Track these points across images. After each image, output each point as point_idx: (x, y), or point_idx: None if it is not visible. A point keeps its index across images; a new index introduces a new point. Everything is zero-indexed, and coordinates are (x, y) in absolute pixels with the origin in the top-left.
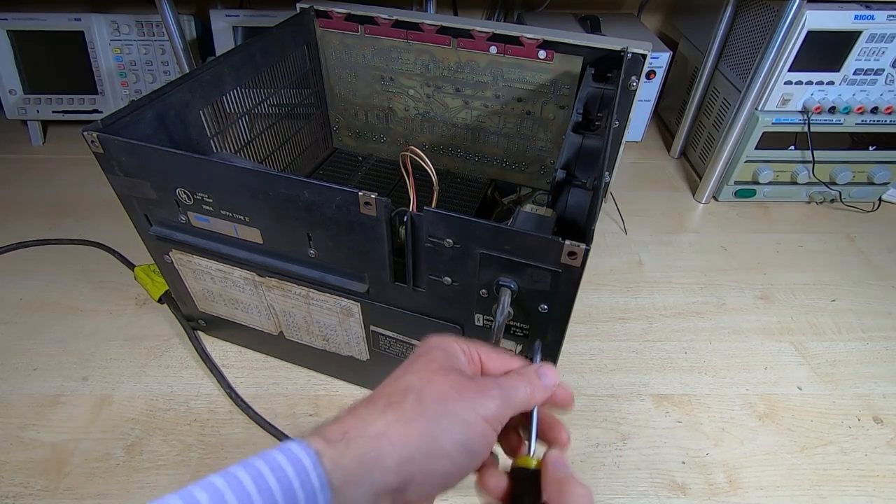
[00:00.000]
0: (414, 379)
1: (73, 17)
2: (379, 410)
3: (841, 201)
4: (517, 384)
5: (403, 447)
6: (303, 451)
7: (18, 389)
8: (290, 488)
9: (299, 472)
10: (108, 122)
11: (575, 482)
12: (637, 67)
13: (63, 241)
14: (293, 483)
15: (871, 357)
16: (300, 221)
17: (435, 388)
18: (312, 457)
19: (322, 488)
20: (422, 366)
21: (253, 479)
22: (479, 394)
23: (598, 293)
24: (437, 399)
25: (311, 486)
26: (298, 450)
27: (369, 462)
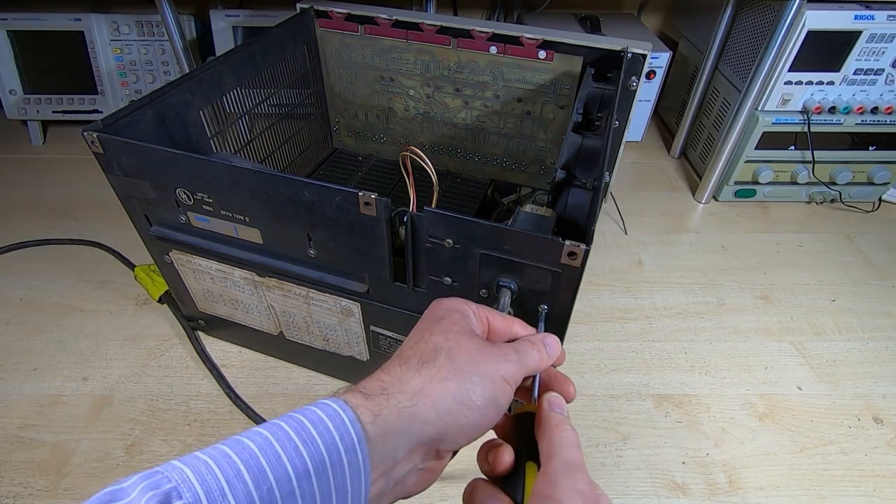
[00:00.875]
0: (441, 340)
1: (73, 17)
2: (413, 369)
3: (841, 201)
4: (530, 351)
5: (441, 402)
6: (340, 407)
7: (18, 389)
8: (331, 440)
9: (338, 427)
10: (108, 122)
11: (564, 422)
12: (637, 67)
13: (63, 241)
14: (334, 435)
15: (871, 357)
16: (300, 221)
17: (463, 349)
18: (349, 412)
19: (360, 442)
20: (446, 328)
21: (295, 431)
22: (500, 357)
23: (598, 293)
24: (467, 359)
25: (350, 439)
26: (336, 406)
27: (408, 416)
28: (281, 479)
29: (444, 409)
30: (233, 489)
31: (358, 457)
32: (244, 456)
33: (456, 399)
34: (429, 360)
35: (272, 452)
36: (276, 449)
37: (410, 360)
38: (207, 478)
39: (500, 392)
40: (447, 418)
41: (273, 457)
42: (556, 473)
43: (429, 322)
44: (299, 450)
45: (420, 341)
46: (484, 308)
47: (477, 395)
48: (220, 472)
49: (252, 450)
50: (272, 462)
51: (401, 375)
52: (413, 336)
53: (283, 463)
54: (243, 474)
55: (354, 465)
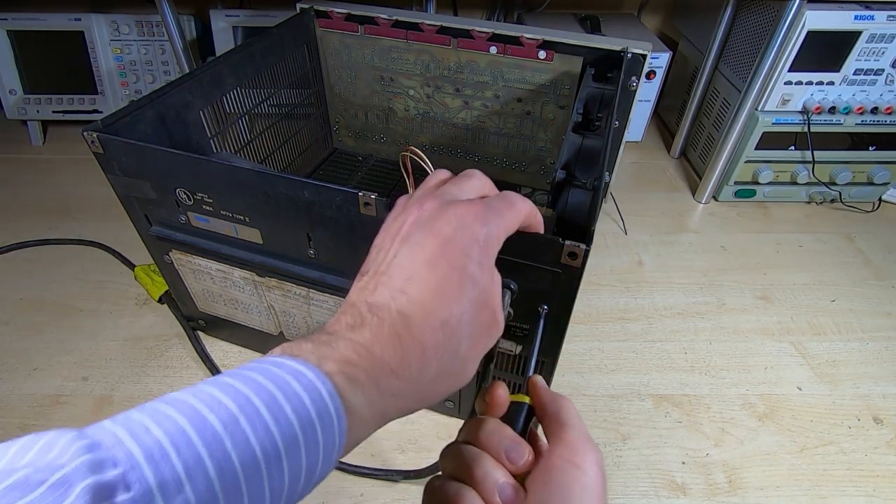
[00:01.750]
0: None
1: (73, 17)
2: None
3: (841, 201)
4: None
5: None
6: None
7: (18, 389)
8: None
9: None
10: (108, 122)
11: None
12: (637, 67)
13: (63, 241)
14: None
15: (871, 357)
16: (300, 221)
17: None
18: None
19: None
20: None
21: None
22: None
23: (598, 293)
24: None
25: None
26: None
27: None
28: (247, 463)
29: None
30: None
31: (335, 433)
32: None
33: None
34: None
35: (239, 432)
36: (242, 428)
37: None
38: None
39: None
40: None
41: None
42: (577, 442)
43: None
44: (270, 429)
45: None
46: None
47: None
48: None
49: (214, 428)
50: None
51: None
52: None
53: (250, 444)
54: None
55: (329, 441)
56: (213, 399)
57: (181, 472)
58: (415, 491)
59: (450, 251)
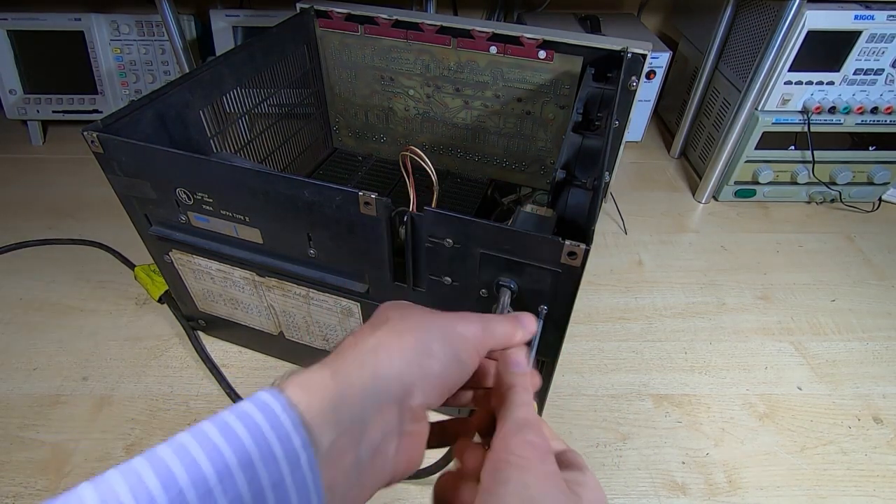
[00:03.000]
0: (393, 312)
1: (73, 17)
2: (368, 333)
3: (841, 201)
4: (498, 320)
5: (401, 353)
6: (271, 394)
7: (18, 389)
8: (257, 432)
9: (269, 416)
10: (108, 122)
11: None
12: (637, 67)
13: (63, 241)
14: (261, 426)
15: (871, 357)
16: (300, 221)
17: (415, 311)
18: (282, 398)
19: (296, 427)
20: (394, 306)
21: (220, 429)
22: (458, 317)
23: (598, 293)
24: (420, 317)
25: (282, 428)
26: (267, 395)
27: (370, 372)
28: (195, 480)
29: (404, 361)
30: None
31: (294, 445)
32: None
33: (416, 350)
34: (381, 323)
35: (185, 454)
36: (190, 451)
37: (363, 330)
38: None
39: (461, 347)
40: (411, 369)
41: (186, 458)
42: (507, 434)
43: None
44: (218, 447)
45: (373, 318)
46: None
47: (436, 348)
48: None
49: (161, 456)
50: (186, 462)
51: (356, 339)
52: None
53: (197, 463)
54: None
55: (291, 455)
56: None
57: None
58: (415, 491)
59: None
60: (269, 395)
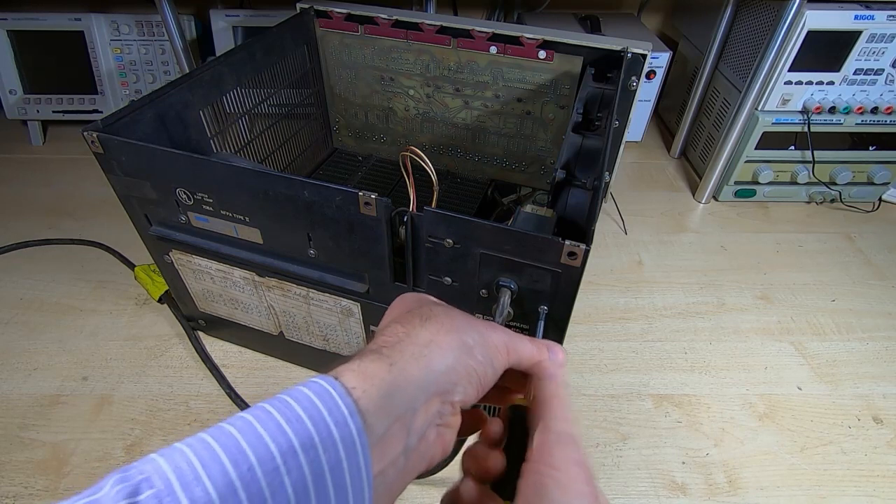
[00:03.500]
0: (436, 308)
1: (73, 17)
2: (418, 325)
3: (841, 201)
4: (524, 341)
5: (449, 351)
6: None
7: (18, 389)
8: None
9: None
10: (108, 122)
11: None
12: (637, 67)
13: (63, 241)
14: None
15: (871, 357)
16: (300, 221)
17: (458, 314)
18: (338, 386)
19: (352, 415)
20: (432, 301)
21: (281, 411)
22: (491, 326)
23: (598, 293)
24: (463, 320)
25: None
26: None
27: (424, 364)
28: (263, 458)
29: (453, 358)
30: (207, 470)
31: (351, 431)
32: (223, 440)
33: (462, 350)
34: (430, 318)
35: (252, 433)
36: (256, 429)
37: (412, 320)
38: (181, 463)
39: (494, 353)
40: (457, 366)
41: (254, 437)
42: (550, 446)
43: (406, 301)
44: (282, 427)
45: (412, 310)
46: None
47: (477, 352)
48: (195, 457)
49: (230, 433)
50: (252, 442)
51: (407, 331)
52: (398, 310)
53: (264, 441)
54: (219, 456)
55: (348, 440)
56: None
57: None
58: (417, 491)
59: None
60: (325, 381)
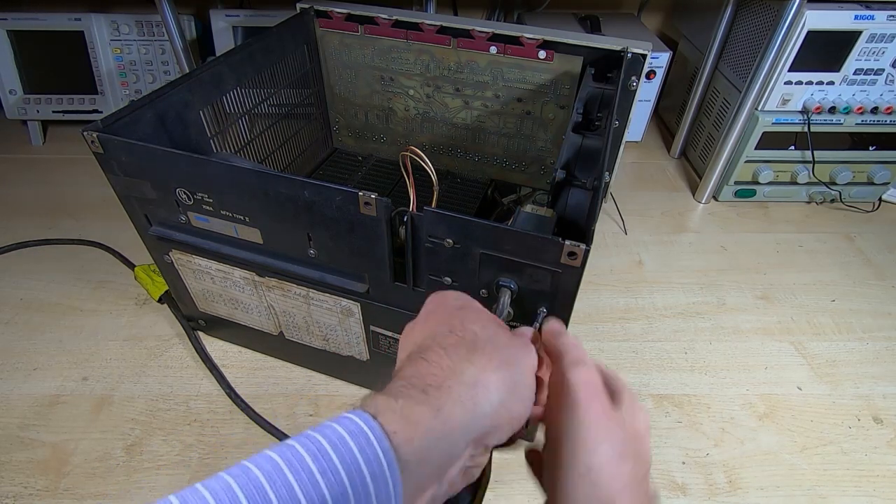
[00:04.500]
0: (479, 328)
1: (73, 17)
2: (464, 358)
3: (841, 201)
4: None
5: (497, 392)
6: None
7: (18, 389)
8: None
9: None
10: (108, 122)
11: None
12: (637, 67)
13: (63, 241)
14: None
15: (871, 357)
16: (300, 221)
17: (503, 339)
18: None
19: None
20: (475, 317)
21: (314, 458)
22: (524, 347)
23: (598, 293)
24: (509, 350)
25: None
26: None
27: (470, 408)
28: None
29: (498, 400)
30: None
31: (387, 482)
32: (248, 488)
33: (508, 391)
34: (476, 349)
35: (283, 482)
36: (287, 479)
37: (456, 348)
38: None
39: (532, 383)
40: (501, 410)
41: (284, 487)
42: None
43: (450, 311)
44: (315, 479)
45: (455, 330)
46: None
47: (521, 390)
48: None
49: (258, 479)
50: (281, 495)
51: (453, 366)
52: (441, 324)
53: (294, 494)
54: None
55: (383, 492)
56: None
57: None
58: None
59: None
60: (363, 422)
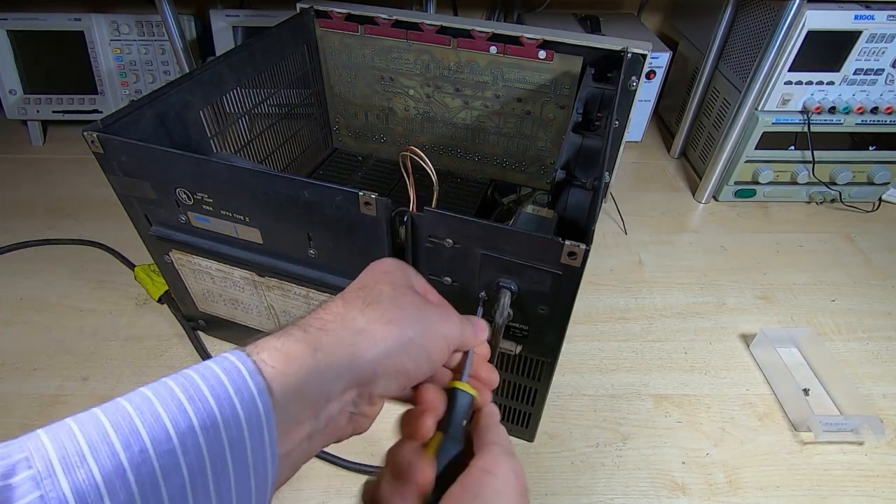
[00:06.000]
0: (388, 288)
1: (73, 17)
2: (358, 309)
3: (841, 201)
4: (467, 325)
5: (381, 343)
6: (238, 358)
7: (18, 389)
8: (224, 394)
9: (234, 380)
10: (108, 122)
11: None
12: (637, 67)
13: (63, 241)
14: (227, 388)
15: (871, 357)
16: (300, 221)
17: (408, 299)
18: (249, 363)
19: (260, 394)
20: (392, 279)
21: (184, 388)
22: (445, 317)
23: (598, 293)
24: (413, 309)
25: (248, 392)
26: (234, 358)
27: (348, 353)
28: (158, 438)
29: (383, 350)
30: (94, 451)
31: (258, 409)
32: (114, 417)
33: (396, 344)
34: (374, 302)
35: (150, 411)
36: (154, 407)
37: (354, 301)
38: (66, 442)
39: (436, 349)
40: (385, 360)
41: (151, 415)
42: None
43: (373, 273)
44: (183, 406)
45: (365, 287)
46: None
47: (414, 347)
48: (82, 435)
49: (125, 409)
50: (148, 421)
51: (344, 314)
52: (357, 282)
53: (161, 421)
54: (109, 436)
55: (254, 418)
56: (135, 392)
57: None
58: None
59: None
60: (237, 358)
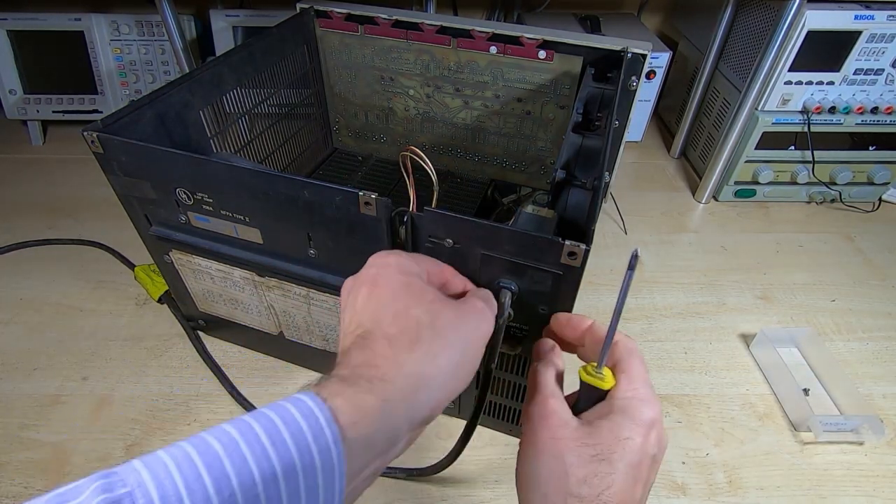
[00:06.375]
0: (421, 313)
1: (73, 17)
2: (405, 349)
3: (841, 201)
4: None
5: (438, 382)
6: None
7: (18, 389)
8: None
9: (312, 426)
10: (108, 122)
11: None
12: (637, 67)
13: (63, 241)
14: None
15: (871, 357)
16: (300, 221)
17: (445, 319)
18: (326, 411)
19: (335, 443)
20: (418, 297)
21: (267, 432)
22: (479, 318)
23: (598, 293)
24: (452, 330)
25: (324, 440)
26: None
27: (410, 400)
28: (245, 484)
29: (439, 389)
30: (191, 495)
31: (332, 457)
32: (207, 458)
33: (447, 375)
34: (417, 339)
35: (237, 454)
36: (242, 450)
37: (399, 338)
38: (165, 481)
39: (478, 355)
40: (441, 396)
41: (238, 459)
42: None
43: (394, 289)
44: (267, 452)
45: (398, 315)
46: (420, 257)
47: (463, 368)
48: (179, 475)
49: (216, 451)
50: (237, 464)
51: (394, 358)
52: (385, 307)
53: (248, 466)
54: (203, 478)
55: (328, 466)
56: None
57: (181, 489)
58: (416, 489)
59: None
60: (313, 402)
